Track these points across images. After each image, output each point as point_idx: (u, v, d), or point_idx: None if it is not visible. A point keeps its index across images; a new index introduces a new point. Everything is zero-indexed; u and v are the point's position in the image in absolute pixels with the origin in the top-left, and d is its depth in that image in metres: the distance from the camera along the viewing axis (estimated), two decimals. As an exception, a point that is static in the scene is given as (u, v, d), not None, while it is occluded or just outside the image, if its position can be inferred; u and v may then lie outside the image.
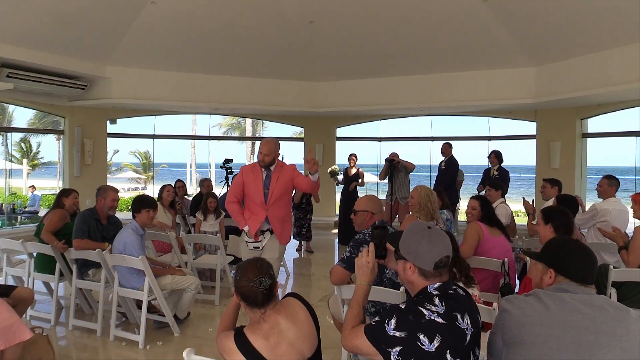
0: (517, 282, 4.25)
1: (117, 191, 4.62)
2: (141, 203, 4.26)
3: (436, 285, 1.84)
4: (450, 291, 1.84)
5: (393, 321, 1.75)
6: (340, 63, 9.20)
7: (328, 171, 9.11)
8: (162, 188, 6.16)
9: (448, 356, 1.70)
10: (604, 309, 1.71)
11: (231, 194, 4.22)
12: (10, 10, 6.54)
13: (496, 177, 7.77)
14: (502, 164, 8.10)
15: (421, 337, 1.70)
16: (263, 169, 4.14)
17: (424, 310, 1.75)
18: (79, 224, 4.35)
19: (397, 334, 1.73)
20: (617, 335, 1.66)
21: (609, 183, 4.90)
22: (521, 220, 10.30)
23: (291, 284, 6.27)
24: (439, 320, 1.73)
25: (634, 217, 4.14)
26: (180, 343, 4.08)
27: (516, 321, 1.75)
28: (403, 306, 1.81)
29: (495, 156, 8.08)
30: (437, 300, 1.78)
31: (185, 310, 4.47)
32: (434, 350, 1.69)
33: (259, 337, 1.99)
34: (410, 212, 4.50)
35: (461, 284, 2.21)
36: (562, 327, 1.68)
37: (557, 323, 1.70)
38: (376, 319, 1.83)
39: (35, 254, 4.71)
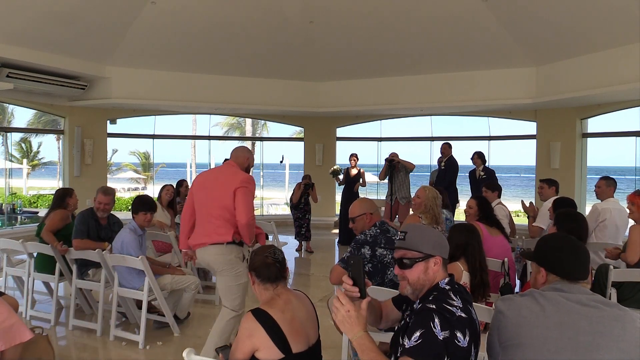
0: (517, 282, 4.25)
1: (109, 193, 4.52)
2: (138, 205, 4.30)
3: (446, 280, 1.83)
4: (456, 285, 1.84)
5: (437, 321, 1.64)
6: (340, 63, 9.20)
7: (330, 171, 9.14)
8: (162, 188, 6.21)
9: (472, 349, 1.69)
10: (599, 308, 1.70)
11: None
12: (10, 10, 6.54)
13: (484, 178, 7.76)
14: (485, 164, 8.12)
15: (458, 334, 1.64)
16: None
17: (449, 307, 1.71)
18: (78, 225, 4.37)
19: (441, 335, 1.62)
20: (614, 336, 1.64)
21: (607, 184, 4.92)
22: (520, 220, 10.30)
23: (291, 284, 6.27)
24: (463, 315, 1.70)
25: (628, 217, 4.14)
26: (180, 343, 4.08)
27: (512, 323, 1.73)
28: (433, 306, 1.70)
29: (478, 157, 8.07)
30: (452, 295, 1.77)
31: (185, 310, 4.47)
32: (467, 345, 1.65)
33: (277, 311, 2.05)
34: (412, 211, 4.38)
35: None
36: (559, 329, 1.67)
37: (553, 325, 1.68)
38: (417, 334, 1.64)
39: (35, 254, 4.71)
